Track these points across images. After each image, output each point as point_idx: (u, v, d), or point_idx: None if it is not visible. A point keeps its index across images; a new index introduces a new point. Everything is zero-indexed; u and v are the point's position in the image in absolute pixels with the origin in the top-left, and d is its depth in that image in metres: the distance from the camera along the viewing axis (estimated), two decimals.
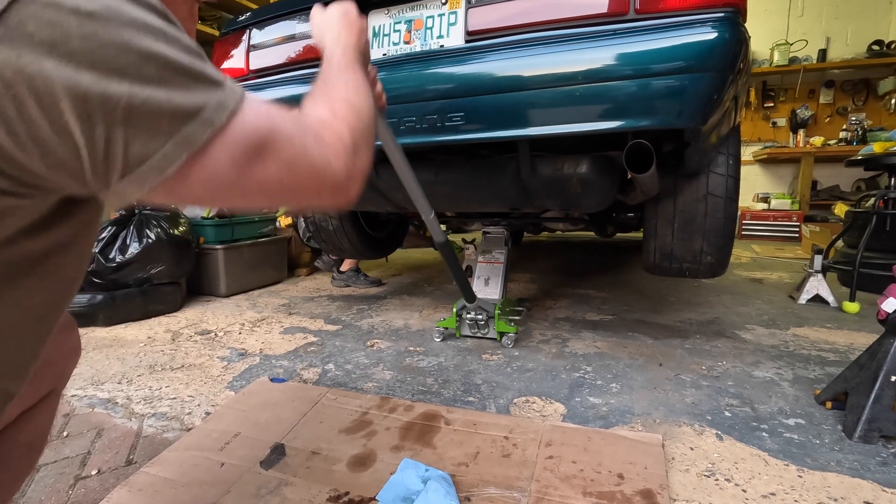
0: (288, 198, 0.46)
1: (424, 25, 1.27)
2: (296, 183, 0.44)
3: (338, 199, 0.49)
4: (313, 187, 0.46)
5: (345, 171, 0.48)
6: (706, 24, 0.95)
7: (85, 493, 0.91)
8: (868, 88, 5.08)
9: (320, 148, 0.46)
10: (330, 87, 0.58)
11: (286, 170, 0.43)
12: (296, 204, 0.48)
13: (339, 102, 0.54)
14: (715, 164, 1.42)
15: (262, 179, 0.42)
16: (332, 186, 0.47)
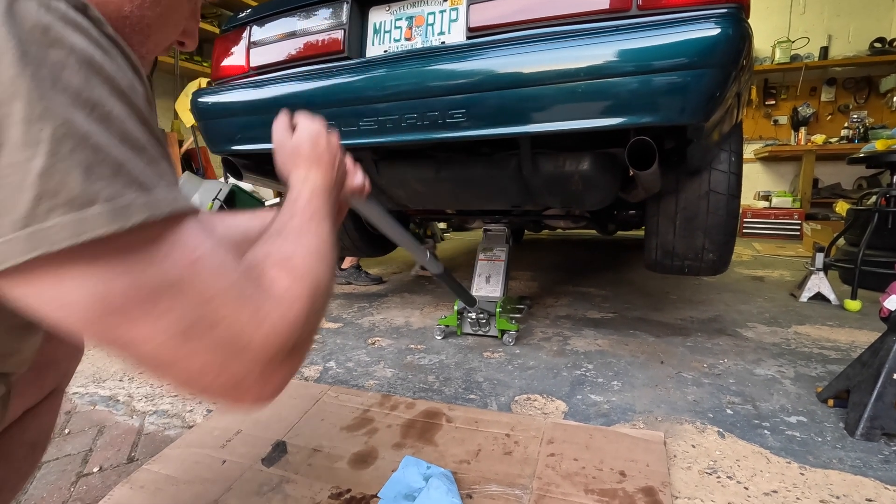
0: (163, 373, 0.34)
1: (426, 22, 1.26)
2: (184, 361, 0.33)
3: (239, 399, 0.37)
4: (209, 377, 0.34)
5: (265, 369, 0.36)
6: (709, 20, 0.95)
7: (87, 490, 0.91)
8: (870, 86, 5.06)
9: (249, 326, 0.35)
10: (287, 243, 0.45)
11: (179, 339, 0.32)
12: (174, 382, 0.35)
13: (293, 274, 0.41)
14: (717, 161, 1.42)
15: (135, 338, 0.31)
16: (236, 385, 0.35)
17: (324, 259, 0.46)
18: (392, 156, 1.52)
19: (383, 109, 1.23)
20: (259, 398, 0.38)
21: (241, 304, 0.35)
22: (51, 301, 0.29)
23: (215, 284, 0.34)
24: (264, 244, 0.44)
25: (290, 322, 0.38)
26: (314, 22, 1.37)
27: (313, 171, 0.57)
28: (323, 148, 0.59)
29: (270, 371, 0.37)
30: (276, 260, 0.42)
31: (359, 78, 1.26)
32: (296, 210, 0.51)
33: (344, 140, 1.31)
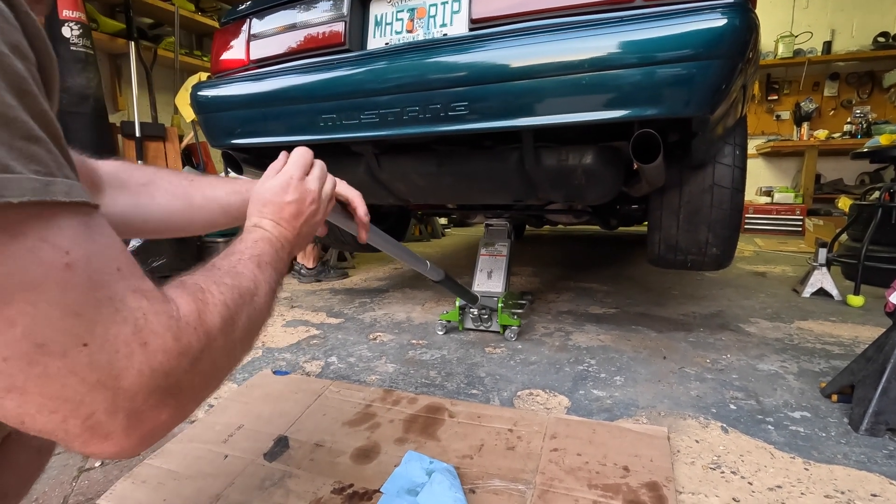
0: (3, 406, 0.27)
1: (427, 14, 1.25)
2: (26, 390, 0.26)
3: (93, 447, 0.29)
4: (57, 414, 0.28)
5: (136, 409, 0.30)
6: (715, 11, 0.93)
7: (89, 485, 0.91)
8: (873, 81, 5.04)
9: (124, 350, 0.29)
10: (211, 275, 0.41)
11: (24, 360, 0.26)
12: (5, 417, 0.28)
13: (202, 302, 0.36)
14: (721, 155, 1.41)
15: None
16: (93, 427, 0.28)
17: (248, 302, 0.41)
18: (393, 149, 1.51)
19: (384, 102, 1.22)
20: (121, 447, 0.30)
21: (119, 321, 0.29)
22: None
23: (86, 297, 0.28)
24: (188, 274, 0.39)
25: (178, 351, 0.31)
26: (314, 14, 1.36)
27: (267, 220, 0.55)
28: (287, 199, 0.56)
29: (143, 414, 0.30)
30: (188, 286, 0.36)
31: (360, 71, 1.24)
32: (235, 250, 0.48)
33: (345, 134, 1.30)
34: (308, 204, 0.59)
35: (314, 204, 0.60)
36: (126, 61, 3.03)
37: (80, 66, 2.40)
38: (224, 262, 0.44)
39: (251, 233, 0.53)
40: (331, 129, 1.30)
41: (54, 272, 0.27)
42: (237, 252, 0.48)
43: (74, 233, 0.29)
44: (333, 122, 1.30)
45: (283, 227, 0.56)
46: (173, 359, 0.31)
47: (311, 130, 1.34)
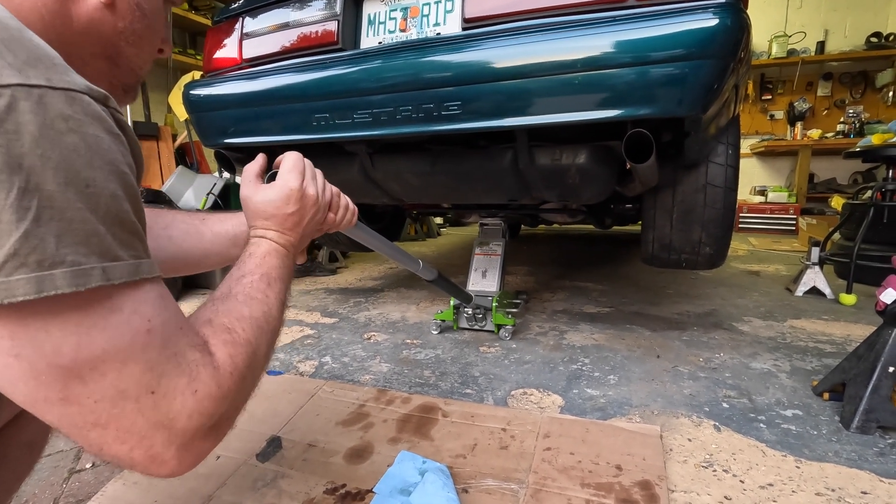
0: (78, 436, 0.35)
1: (420, 13, 1.25)
2: (105, 428, 0.34)
3: (152, 471, 0.37)
4: (126, 446, 0.35)
5: (186, 444, 0.37)
6: (707, 11, 0.93)
7: (79, 486, 0.90)
8: (866, 81, 5.07)
9: (180, 399, 0.37)
10: (234, 307, 0.46)
11: (107, 404, 0.34)
12: (87, 447, 0.35)
13: (233, 346, 0.42)
14: (714, 154, 1.41)
15: (67, 396, 0.33)
16: (153, 457, 0.36)
17: (266, 328, 0.48)
18: (387, 149, 1.51)
19: (378, 102, 1.21)
20: (174, 471, 0.38)
21: (178, 374, 0.37)
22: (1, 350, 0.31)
23: (159, 355, 0.36)
24: (212, 305, 0.46)
25: (220, 396, 0.39)
26: (308, 13, 1.35)
27: (272, 232, 0.57)
28: (287, 212, 0.57)
29: (191, 445, 0.38)
30: (217, 328, 0.43)
31: (353, 70, 1.24)
32: (245, 270, 0.51)
33: (338, 133, 1.29)
34: (309, 209, 0.60)
35: (314, 206, 0.61)
36: None
37: None
38: (238, 286, 0.49)
39: (258, 246, 0.56)
40: (324, 128, 1.30)
41: (140, 336, 0.35)
42: (248, 273, 0.51)
43: (154, 302, 0.37)
44: (327, 121, 1.29)
45: (288, 234, 0.58)
46: (216, 403, 0.39)
47: (304, 130, 1.34)
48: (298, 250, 0.62)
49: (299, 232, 0.60)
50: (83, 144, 0.32)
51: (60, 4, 0.42)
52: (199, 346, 0.40)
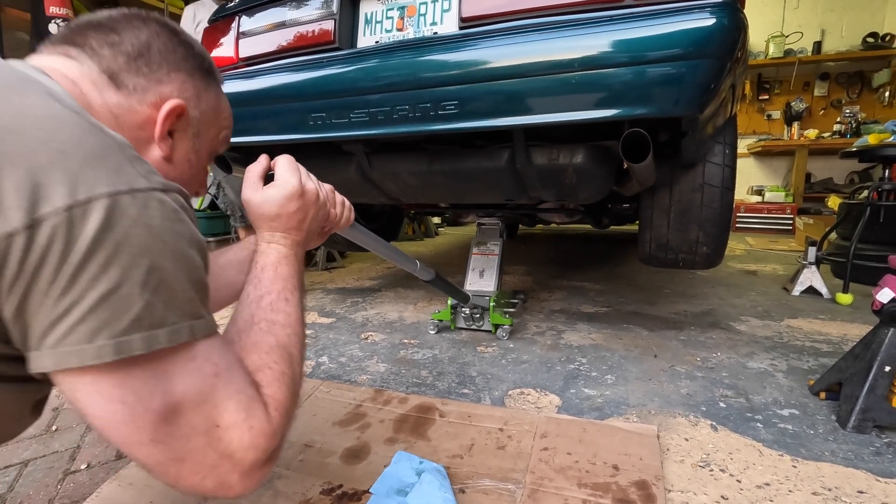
0: (158, 471, 0.41)
1: (417, 12, 1.24)
2: (182, 462, 0.41)
3: (222, 495, 0.43)
4: (197, 477, 0.42)
5: (250, 473, 0.43)
6: (704, 10, 0.93)
7: (74, 487, 0.90)
8: (862, 81, 5.09)
9: (242, 435, 0.43)
10: (264, 337, 0.51)
11: (184, 440, 0.40)
12: (166, 478, 0.42)
13: (276, 383, 0.48)
14: (711, 154, 1.41)
15: (154, 436, 0.39)
16: (221, 484, 0.43)
17: (294, 351, 0.53)
18: (384, 148, 1.51)
19: (375, 101, 1.21)
20: (240, 494, 0.44)
21: (237, 410, 0.43)
22: (102, 397, 0.38)
23: (224, 395, 0.42)
24: (238, 339, 0.50)
25: (271, 431, 0.45)
26: (304, 12, 1.35)
27: (278, 235, 0.59)
28: (290, 210, 0.59)
29: (252, 473, 0.44)
30: (254, 365, 0.48)
31: (350, 69, 1.24)
32: (263, 290, 0.54)
33: (335, 132, 1.29)
34: (311, 205, 0.62)
35: (316, 202, 0.62)
36: None
37: None
38: (259, 311, 0.53)
39: (267, 256, 0.58)
40: (321, 127, 1.29)
41: (209, 380, 0.42)
42: (266, 293, 0.54)
43: (219, 350, 0.44)
44: (324, 120, 1.29)
45: (294, 234, 0.60)
46: (268, 438, 0.44)
47: (301, 129, 1.33)
48: (306, 250, 0.64)
49: (304, 229, 0.61)
50: (185, 229, 0.42)
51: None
52: (252, 385, 0.46)
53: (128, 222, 0.37)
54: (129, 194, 0.37)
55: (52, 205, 0.34)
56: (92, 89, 0.49)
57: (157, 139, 0.54)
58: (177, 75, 0.55)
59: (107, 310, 0.36)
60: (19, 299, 0.35)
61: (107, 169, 0.37)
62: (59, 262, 0.35)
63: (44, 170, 0.35)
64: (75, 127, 0.38)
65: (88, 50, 0.50)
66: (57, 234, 0.34)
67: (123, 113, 0.51)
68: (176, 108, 0.54)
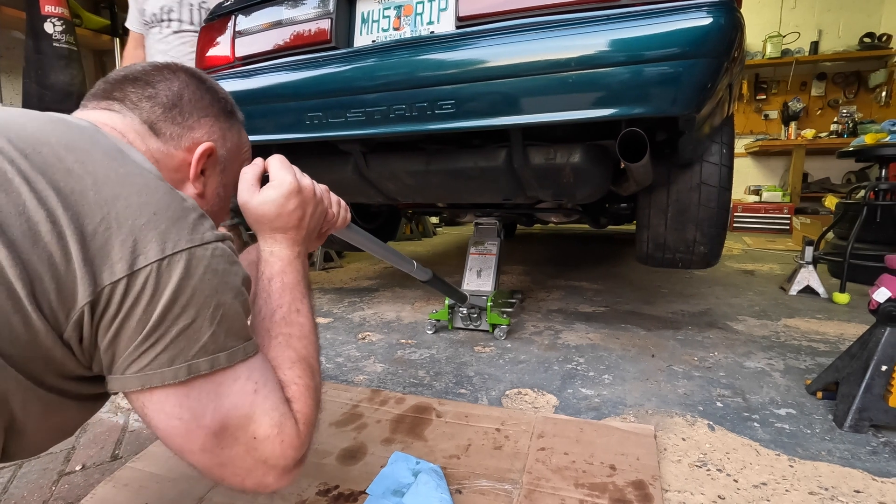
0: (208, 471, 0.48)
1: (414, 11, 1.24)
2: (225, 465, 0.47)
3: (260, 491, 0.50)
4: (238, 478, 0.48)
5: (284, 475, 0.50)
6: (701, 9, 0.93)
7: (69, 488, 0.89)
8: (859, 81, 5.10)
9: (276, 446, 0.48)
10: (285, 351, 0.55)
11: (228, 448, 0.47)
12: (213, 478, 0.49)
13: (302, 395, 0.53)
14: (708, 154, 1.41)
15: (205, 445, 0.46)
16: (258, 484, 0.49)
17: (312, 360, 0.57)
18: (381, 148, 1.50)
19: (371, 100, 1.21)
20: (277, 489, 0.50)
21: (271, 423, 0.48)
22: (165, 413, 0.44)
23: (261, 410, 0.48)
24: (268, 352, 0.55)
25: (300, 443, 0.50)
26: (301, 11, 1.34)
27: (278, 239, 0.61)
28: (289, 209, 0.60)
29: (285, 475, 0.50)
30: (284, 380, 0.53)
31: (346, 68, 1.23)
32: (274, 304, 0.58)
33: (331, 132, 1.29)
34: (309, 202, 0.62)
35: (313, 199, 0.63)
36: (111, 58, 2.99)
37: (64, 63, 2.36)
38: (274, 327, 0.57)
39: (272, 266, 0.60)
40: (317, 127, 1.29)
41: (249, 397, 0.48)
42: (277, 307, 0.58)
43: (260, 369, 0.50)
44: (320, 120, 1.28)
45: (294, 234, 0.61)
46: (297, 449, 0.50)
47: (298, 129, 1.33)
48: (309, 246, 0.65)
49: (304, 227, 0.62)
50: (239, 270, 0.49)
51: None
52: (285, 401, 0.51)
53: (201, 270, 0.44)
54: (201, 247, 0.45)
55: (147, 259, 0.42)
56: (136, 139, 0.56)
57: (191, 179, 0.60)
58: (206, 120, 0.61)
59: (183, 340, 0.43)
60: (115, 332, 0.42)
61: (186, 227, 0.45)
62: (148, 303, 0.42)
63: (142, 229, 0.42)
64: (162, 193, 0.45)
65: (129, 104, 0.57)
66: (148, 282, 0.42)
67: (163, 157, 0.57)
68: (206, 151, 0.60)
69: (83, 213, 0.41)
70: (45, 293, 0.39)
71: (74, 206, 0.40)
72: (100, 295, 0.41)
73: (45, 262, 0.39)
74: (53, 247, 0.39)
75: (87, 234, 0.40)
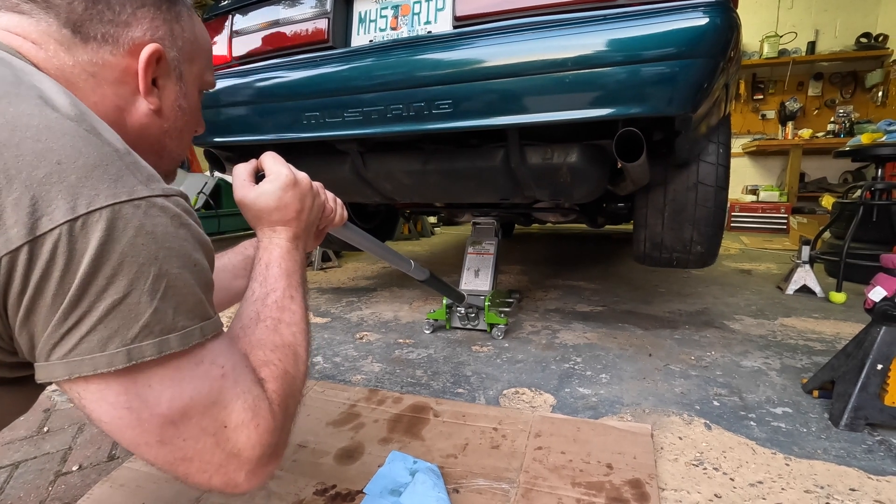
0: (168, 467, 0.41)
1: (412, 11, 1.24)
2: (190, 460, 0.41)
3: (230, 491, 0.44)
4: (205, 475, 0.42)
5: (254, 470, 0.44)
6: (697, 10, 0.94)
7: (65, 489, 0.89)
8: (856, 81, 5.12)
9: (245, 434, 0.42)
10: (269, 335, 0.50)
11: (192, 441, 0.40)
12: (176, 474, 0.42)
13: (278, 379, 0.47)
14: (705, 153, 1.42)
15: (162, 437, 0.39)
16: (227, 482, 0.43)
17: (296, 349, 0.52)
18: (378, 148, 1.50)
19: (369, 100, 1.21)
20: (247, 490, 0.45)
21: (244, 409, 0.43)
22: (108, 403, 0.38)
23: (231, 395, 0.42)
24: (244, 336, 0.50)
25: (275, 427, 0.45)
26: (298, 10, 1.34)
27: (278, 231, 0.58)
28: (287, 202, 0.58)
29: (258, 471, 0.44)
30: (258, 362, 0.48)
31: (343, 68, 1.23)
32: (269, 287, 0.54)
33: (328, 132, 1.29)
34: (306, 195, 0.61)
35: (310, 192, 0.62)
36: None
37: None
38: (265, 309, 0.52)
39: (270, 252, 0.57)
40: (315, 126, 1.29)
41: (216, 381, 0.41)
42: (271, 291, 0.54)
43: (225, 351, 0.44)
44: (318, 119, 1.28)
45: (293, 226, 0.59)
46: (273, 433, 0.44)
47: (295, 128, 1.33)
48: (307, 242, 0.63)
49: (303, 220, 0.60)
50: (188, 233, 0.41)
51: (117, 115, 0.49)
52: (258, 383, 0.45)
53: (131, 232, 0.36)
54: (130, 203, 0.37)
55: (52, 221, 0.34)
56: (59, 50, 0.44)
57: (143, 94, 0.50)
58: (142, 12, 0.49)
59: (117, 319, 0.36)
60: (26, 312, 0.35)
61: (106, 179, 0.36)
62: (62, 275, 0.35)
63: (42, 184, 0.34)
64: (72, 137, 0.36)
65: (41, 2, 0.44)
66: (59, 249, 0.34)
67: (98, 70, 0.46)
68: (154, 54, 0.49)
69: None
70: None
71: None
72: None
73: None
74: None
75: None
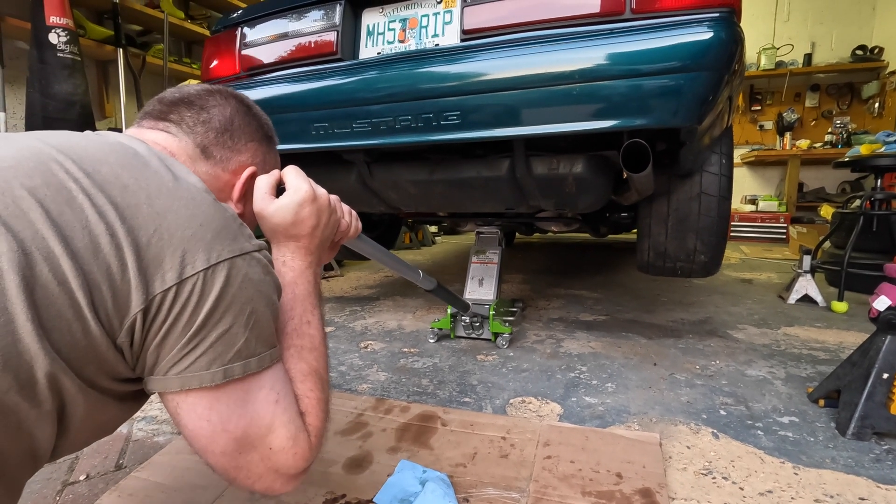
0: (224, 473, 0.50)
1: (419, 24, 1.26)
2: (240, 469, 0.50)
3: (269, 495, 0.53)
4: (249, 480, 0.51)
5: (292, 481, 0.53)
6: (702, 24, 0.96)
7: (73, 499, 0.89)
8: (852, 92, 5.17)
9: (288, 456, 0.51)
10: (299, 364, 0.57)
11: (247, 454, 0.49)
12: (229, 479, 0.51)
13: (313, 407, 0.55)
14: (708, 164, 1.43)
15: (225, 448, 0.48)
16: (268, 488, 0.52)
17: (321, 372, 0.59)
18: (385, 158, 1.52)
19: (377, 111, 1.22)
20: (282, 493, 0.54)
21: (287, 436, 0.51)
22: (196, 415, 0.47)
23: (280, 421, 0.50)
24: (285, 363, 0.57)
25: (310, 456, 0.53)
26: (306, 23, 1.36)
27: (292, 246, 0.63)
28: (303, 217, 0.61)
29: (292, 480, 0.53)
30: (298, 393, 0.55)
31: (352, 80, 1.25)
32: (285, 312, 0.59)
33: (337, 142, 1.30)
34: (324, 210, 0.64)
35: (328, 208, 0.65)
36: (114, 68, 3.00)
37: (67, 73, 2.38)
38: (286, 337, 0.58)
39: (284, 276, 0.61)
40: (323, 137, 1.30)
41: (271, 406, 0.50)
42: (289, 319, 0.59)
43: (281, 379, 0.52)
44: (326, 130, 1.30)
45: (307, 242, 0.63)
46: (307, 460, 0.53)
47: (303, 139, 1.34)
48: (322, 256, 0.67)
49: (318, 236, 0.64)
50: (271, 280, 0.52)
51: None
52: (299, 414, 0.53)
53: (240, 279, 0.47)
54: (241, 257, 0.48)
55: (194, 268, 0.45)
56: (187, 161, 0.59)
57: (234, 200, 0.64)
58: (251, 145, 0.65)
59: (221, 345, 0.46)
60: (162, 337, 0.45)
61: (228, 238, 0.48)
62: (194, 309, 0.45)
63: (189, 241, 0.45)
64: (207, 205, 0.48)
65: (185, 127, 0.61)
66: (195, 290, 0.45)
67: (209, 179, 0.61)
68: (252, 174, 0.64)
69: (138, 225, 0.44)
70: (102, 301, 0.42)
71: (130, 220, 0.43)
72: (151, 302, 0.43)
73: (104, 272, 0.42)
74: (112, 258, 0.42)
75: (142, 246, 0.43)
